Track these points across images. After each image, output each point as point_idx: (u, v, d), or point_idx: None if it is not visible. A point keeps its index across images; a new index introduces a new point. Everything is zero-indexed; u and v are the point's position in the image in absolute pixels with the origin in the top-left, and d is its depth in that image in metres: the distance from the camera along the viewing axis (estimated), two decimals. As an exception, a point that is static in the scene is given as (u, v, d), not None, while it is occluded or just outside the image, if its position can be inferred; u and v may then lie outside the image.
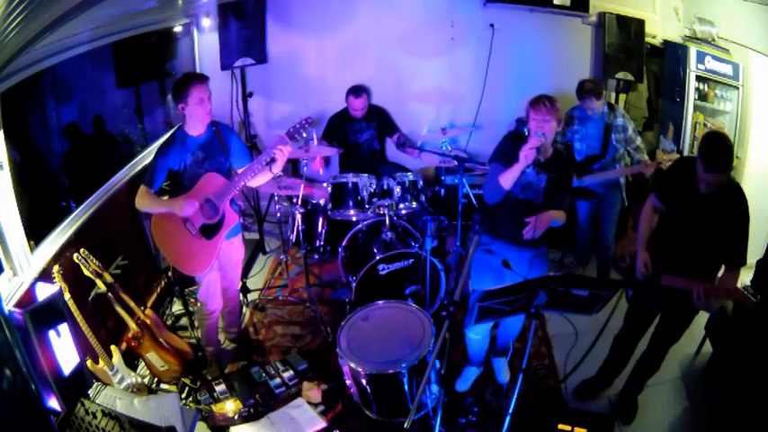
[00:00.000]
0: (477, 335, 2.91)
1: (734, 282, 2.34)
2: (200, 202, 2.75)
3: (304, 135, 2.74)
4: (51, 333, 1.90)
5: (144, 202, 2.76)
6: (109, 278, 2.87)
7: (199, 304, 3.19)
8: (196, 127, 2.76)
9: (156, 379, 3.07)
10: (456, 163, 3.69)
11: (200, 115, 2.71)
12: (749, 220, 2.33)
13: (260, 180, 2.90)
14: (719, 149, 2.23)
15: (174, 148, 2.74)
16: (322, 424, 2.71)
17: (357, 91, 4.06)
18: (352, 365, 2.55)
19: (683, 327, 2.64)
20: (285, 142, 2.67)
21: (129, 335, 2.93)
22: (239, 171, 2.89)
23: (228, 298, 3.29)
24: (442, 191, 4.29)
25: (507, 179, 2.55)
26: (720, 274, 2.45)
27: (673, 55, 4.11)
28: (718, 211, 2.32)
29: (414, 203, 3.66)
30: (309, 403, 2.84)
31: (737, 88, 3.74)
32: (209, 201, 2.77)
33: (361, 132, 4.16)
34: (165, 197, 3.09)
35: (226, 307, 3.33)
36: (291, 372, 3.06)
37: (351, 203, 3.62)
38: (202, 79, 2.70)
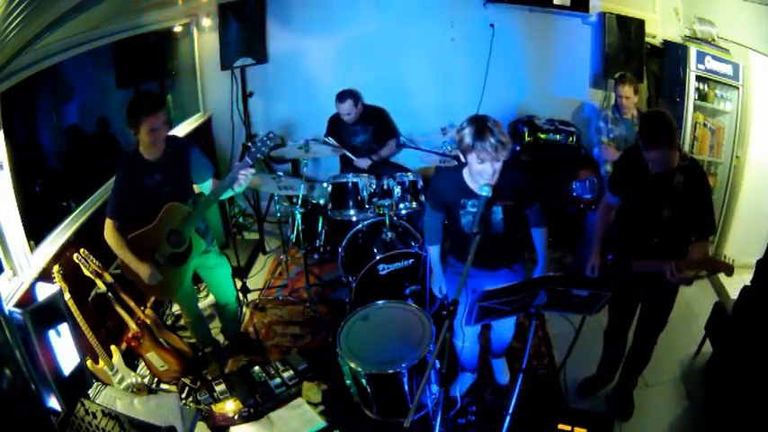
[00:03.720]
0: (464, 342, 2.85)
1: (704, 250, 2.32)
2: (165, 234, 2.70)
3: (266, 151, 2.65)
4: (51, 333, 1.90)
5: (112, 241, 2.65)
6: (109, 278, 2.87)
7: (202, 302, 3.21)
8: (151, 151, 2.63)
9: (156, 379, 3.07)
10: (456, 163, 3.69)
11: (152, 143, 2.58)
12: (711, 191, 2.34)
13: (223, 197, 2.80)
14: (656, 125, 2.21)
15: (132, 173, 2.64)
16: (322, 424, 2.71)
17: (341, 96, 3.93)
18: (352, 365, 2.55)
19: (664, 312, 2.62)
20: (247, 165, 2.61)
21: (129, 335, 2.93)
22: (202, 188, 2.83)
23: (227, 311, 3.30)
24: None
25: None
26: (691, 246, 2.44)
27: (673, 55, 4.11)
28: (677, 189, 2.29)
29: (414, 203, 3.66)
30: (309, 403, 2.84)
31: (737, 88, 3.74)
32: (174, 231, 2.70)
33: (355, 135, 4.13)
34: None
35: (222, 316, 3.36)
36: (291, 372, 3.06)
37: (351, 203, 3.62)
38: (154, 110, 2.53)
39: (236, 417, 2.76)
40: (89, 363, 2.61)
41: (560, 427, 2.29)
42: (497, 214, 2.42)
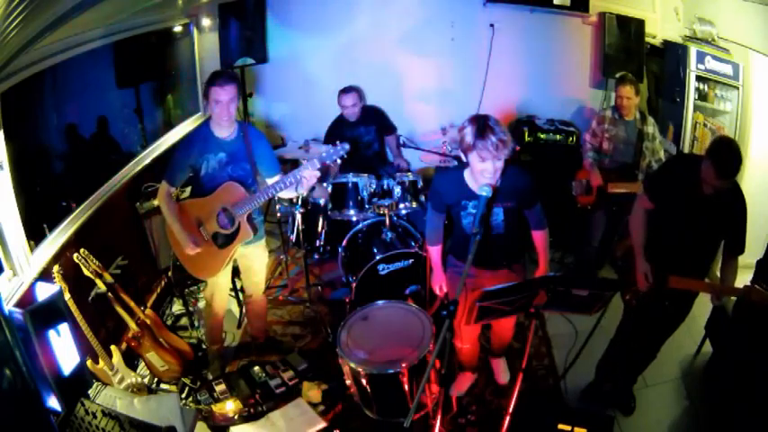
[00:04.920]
0: (464, 344, 2.87)
1: (735, 270, 2.39)
2: (217, 210, 2.71)
3: (335, 159, 2.62)
4: (51, 333, 1.90)
5: (163, 204, 2.72)
6: (109, 278, 2.87)
7: (204, 302, 3.18)
8: (220, 127, 2.65)
9: (156, 379, 3.07)
10: (456, 163, 3.70)
11: (217, 116, 2.60)
12: (747, 212, 2.35)
13: (284, 195, 2.82)
14: (734, 155, 2.22)
15: (196, 143, 2.68)
16: (322, 424, 2.71)
17: (345, 89, 3.98)
18: (352, 365, 2.55)
19: (680, 319, 2.64)
20: (315, 167, 2.55)
21: (129, 335, 2.93)
22: (267, 181, 2.81)
23: (253, 302, 3.25)
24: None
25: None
26: (720, 264, 2.47)
27: (673, 55, 4.11)
28: (718, 208, 2.32)
29: (414, 203, 3.66)
30: (309, 403, 2.84)
31: (737, 88, 3.74)
32: (225, 210, 2.70)
33: (360, 138, 4.14)
34: (186, 193, 3.08)
35: (251, 311, 3.33)
36: (291, 372, 3.06)
37: (351, 203, 3.62)
38: (223, 82, 2.54)
39: (236, 417, 2.76)
40: (89, 363, 2.61)
41: (560, 427, 2.28)
42: (498, 215, 2.43)
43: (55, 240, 2.82)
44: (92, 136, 3.79)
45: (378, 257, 3.33)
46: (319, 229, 3.86)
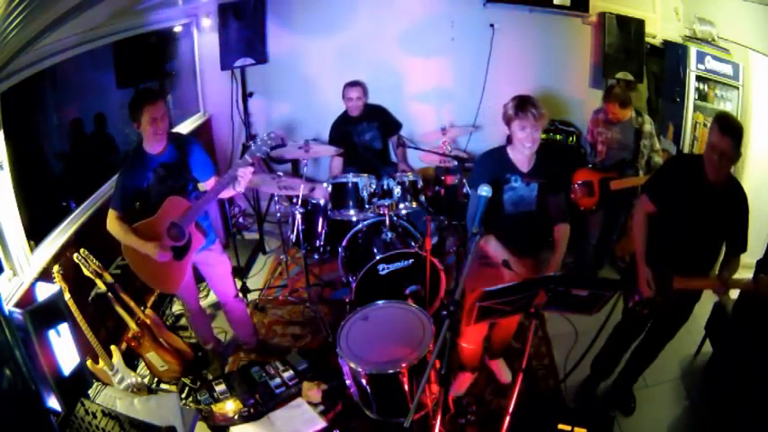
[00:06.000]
0: (469, 345, 2.88)
1: (737, 266, 2.41)
2: (165, 227, 2.71)
3: (269, 151, 2.65)
4: (51, 333, 1.91)
5: (116, 229, 2.67)
6: (109, 278, 2.87)
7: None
8: (154, 145, 2.68)
9: (156, 379, 3.07)
10: (456, 163, 3.70)
11: (154, 135, 2.62)
12: (749, 211, 2.37)
13: (225, 195, 2.83)
14: (732, 118, 2.31)
15: (135, 167, 2.69)
16: (322, 424, 2.71)
17: (351, 82, 4.01)
18: (352, 365, 2.55)
19: (682, 321, 2.64)
20: (247, 164, 2.61)
21: (129, 335, 2.93)
22: (204, 185, 2.85)
23: (229, 310, 3.25)
24: (443, 191, 4.28)
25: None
26: (721, 261, 2.48)
27: (673, 55, 4.11)
28: (720, 206, 2.32)
29: (414, 203, 3.66)
30: (309, 403, 2.84)
31: (737, 88, 3.73)
32: (174, 224, 2.72)
33: (363, 134, 4.14)
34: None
35: (232, 320, 3.32)
36: (291, 372, 3.06)
37: (351, 203, 3.62)
38: (154, 98, 2.60)
39: (236, 417, 2.76)
40: (89, 363, 2.61)
41: (560, 427, 2.29)
42: (533, 191, 2.51)
43: (55, 240, 2.82)
44: (91, 135, 3.79)
45: (378, 257, 3.32)
46: (319, 229, 3.86)
